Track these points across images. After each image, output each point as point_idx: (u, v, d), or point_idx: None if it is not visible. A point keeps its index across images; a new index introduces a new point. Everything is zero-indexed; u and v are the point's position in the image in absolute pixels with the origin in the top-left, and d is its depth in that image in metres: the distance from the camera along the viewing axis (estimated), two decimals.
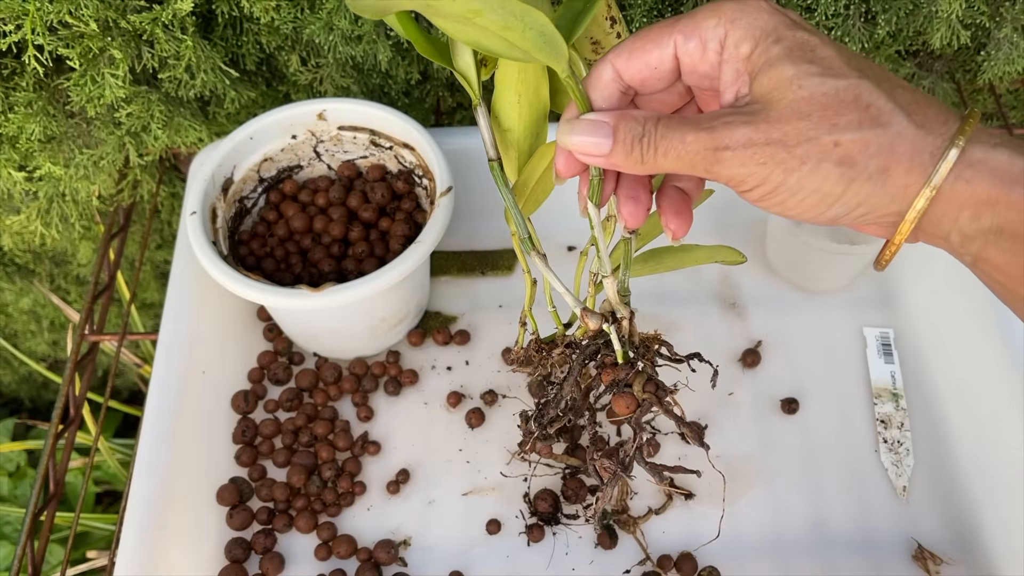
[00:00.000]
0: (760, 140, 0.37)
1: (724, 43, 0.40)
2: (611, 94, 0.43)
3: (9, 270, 0.99)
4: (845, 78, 0.37)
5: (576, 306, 0.49)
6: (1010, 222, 0.35)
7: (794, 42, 0.38)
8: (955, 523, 0.65)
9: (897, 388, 0.71)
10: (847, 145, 0.36)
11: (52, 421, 0.71)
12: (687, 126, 0.39)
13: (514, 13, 0.39)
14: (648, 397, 0.48)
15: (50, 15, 0.64)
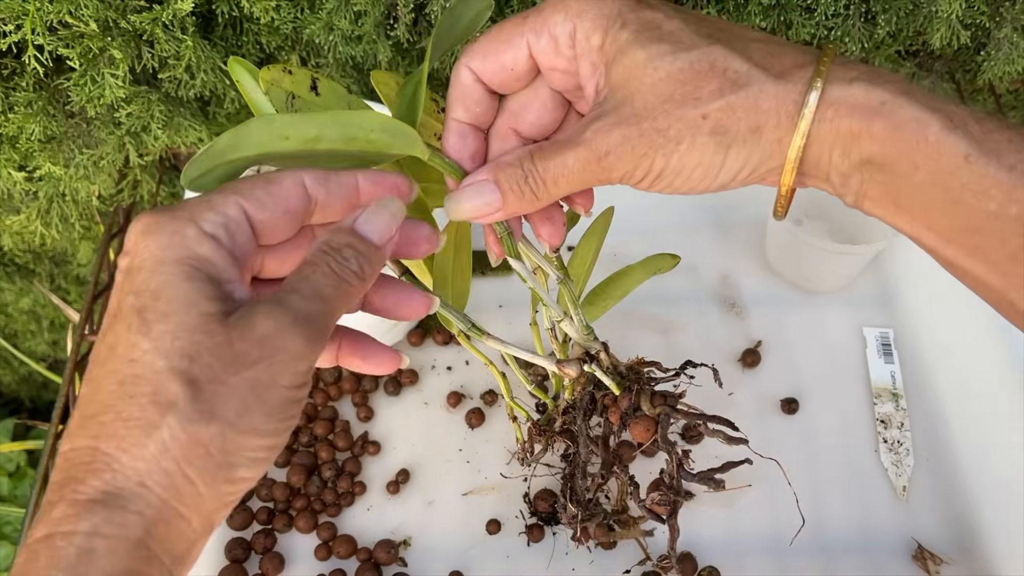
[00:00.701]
0: (634, 134, 0.37)
1: (575, 37, 0.39)
2: (480, 97, 0.42)
3: (9, 270, 0.99)
4: (696, 48, 0.37)
5: (550, 364, 0.48)
6: (876, 154, 0.35)
7: (639, 23, 0.38)
8: (955, 523, 0.65)
9: (897, 388, 0.71)
10: (715, 115, 0.36)
11: (52, 421, 0.71)
12: (564, 148, 0.39)
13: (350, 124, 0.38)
14: (662, 410, 0.47)
15: (50, 15, 0.64)
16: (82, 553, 0.29)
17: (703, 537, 0.65)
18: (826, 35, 0.75)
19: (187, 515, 0.31)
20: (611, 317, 0.78)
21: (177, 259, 0.32)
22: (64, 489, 0.30)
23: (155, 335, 0.31)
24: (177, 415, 0.30)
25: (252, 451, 0.32)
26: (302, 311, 0.33)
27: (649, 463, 0.69)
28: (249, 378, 0.31)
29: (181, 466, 0.31)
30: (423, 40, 0.75)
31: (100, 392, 0.31)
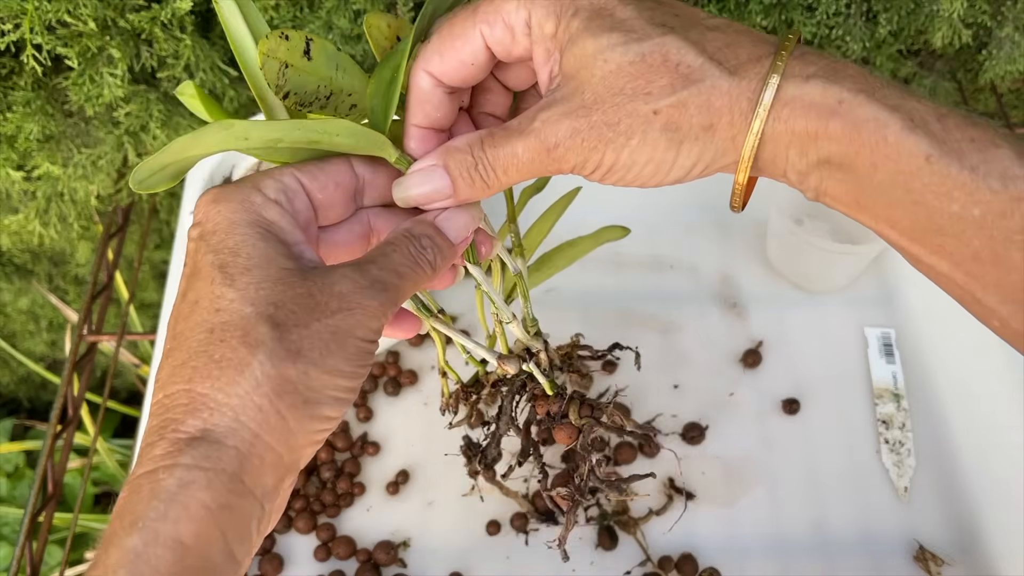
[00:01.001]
0: (583, 127, 0.36)
1: (530, 24, 0.38)
2: (440, 100, 0.41)
3: (7, 270, 0.99)
4: (648, 39, 0.36)
5: (492, 356, 0.48)
6: (834, 154, 0.34)
7: (591, 10, 0.37)
8: (956, 524, 0.65)
9: (898, 388, 0.71)
10: (666, 111, 0.35)
11: (50, 421, 0.71)
12: (514, 136, 0.38)
13: (314, 130, 0.38)
14: (586, 421, 0.48)
15: (49, 14, 0.63)
16: (182, 484, 0.31)
17: (703, 538, 0.65)
18: (827, 34, 0.74)
19: (278, 449, 0.33)
20: (611, 317, 0.78)
21: (249, 221, 0.35)
22: (164, 430, 0.32)
23: (240, 286, 0.33)
24: (266, 353, 0.32)
25: (333, 390, 0.34)
26: (379, 278, 0.36)
27: (650, 464, 0.69)
28: (330, 325, 0.34)
29: (272, 401, 0.32)
30: None
31: (189, 342, 0.33)
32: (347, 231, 0.40)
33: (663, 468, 0.68)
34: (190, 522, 0.30)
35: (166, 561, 0.30)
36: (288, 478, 0.34)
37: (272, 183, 0.37)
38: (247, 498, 0.32)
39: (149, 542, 0.30)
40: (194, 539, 0.30)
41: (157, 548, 0.30)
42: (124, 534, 0.30)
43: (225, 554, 0.31)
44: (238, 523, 0.32)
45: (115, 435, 1.19)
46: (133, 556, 0.29)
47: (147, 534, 0.30)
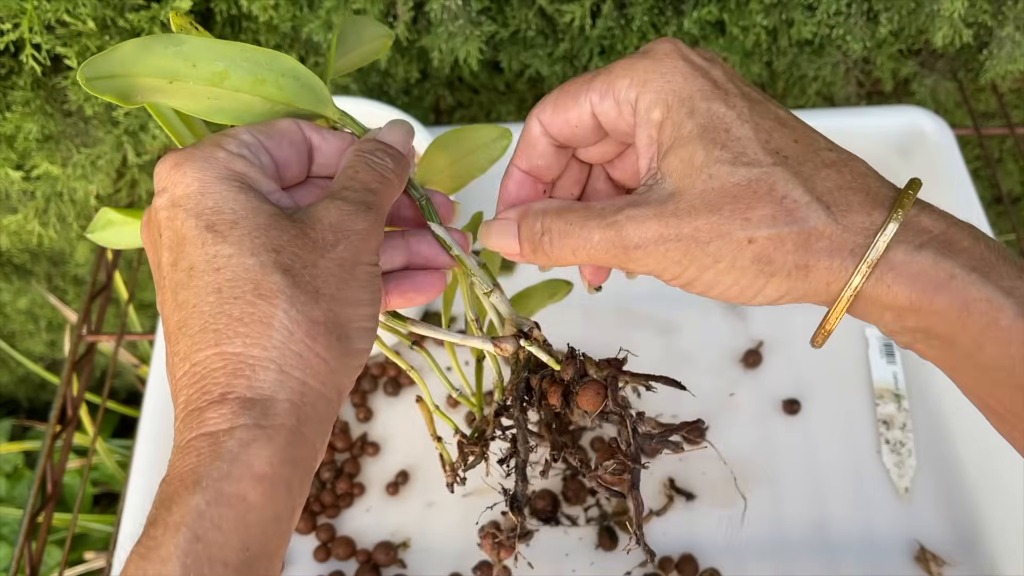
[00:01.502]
0: (671, 236, 0.35)
1: (636, 106, 0.38)
2: (545, 149, 0.42)
3: (6, 270, 0.99)
4: (759, 166, 0.35)
5: (485, 343, 0.45)
6: (935, 326, 0.33)
7: (708, 119, 0.36)
8: (958, 524, 0.65)
9: (899, 389, 0.71)
10: (761, 242, 0.34)
11: (50, 422, 0.71)
12: (593, 221, 0.37)
13: (261, 63, 0.38)
14: (608, 371, 0.44)
15: (48, 14, 0.63)
16: (243, 444, 0.31)
17: (704, 538, 0.65)
18: (828, 33, 0.74)
19: (326, 393, 0.33)
20: (611, 317, 0.78)
21: (220, 177, 0.34)
22: (207, 395, 0.32)
23: (233, 240, 0.33)
24: (287, 300, 0.32)
25: (359, 321, 0.34)
26: (359, 199, 0.36)
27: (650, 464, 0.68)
28: (335, 258, 0.34)
29: (310, 346, 0.32)
30: (422, 38, 0.74)
31: (199, 308, 0.33)
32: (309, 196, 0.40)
33: (664, 468, 0.68)
34: (254, 480, 0.31)
35: (229, 519, 0.30)
36: (335, 416, 0.35)
37: (232, 140, 0.36)
38: (306, 448, 0.32)
39: (212, 501, 0.30)
40: (259, 496, 0.31)
41: (221, 507, 0.30)
42: (187, 493, 0.30)
43: (289, 505, 0.32)
44: (299, 474, 0.32)
45: (114, 435, 1.19)
46: (196, 514, 0.30)
47: (210, 493, 0.30)
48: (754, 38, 0.74)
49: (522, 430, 0.45)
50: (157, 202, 0.35)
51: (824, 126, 0.73)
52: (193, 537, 0.29)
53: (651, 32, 0.75)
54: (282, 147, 0.38)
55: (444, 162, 0.51)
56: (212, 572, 0.29)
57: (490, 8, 0.74)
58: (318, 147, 0.39)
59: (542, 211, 0.39)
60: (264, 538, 0.31)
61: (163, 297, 0.35)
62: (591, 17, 0.74)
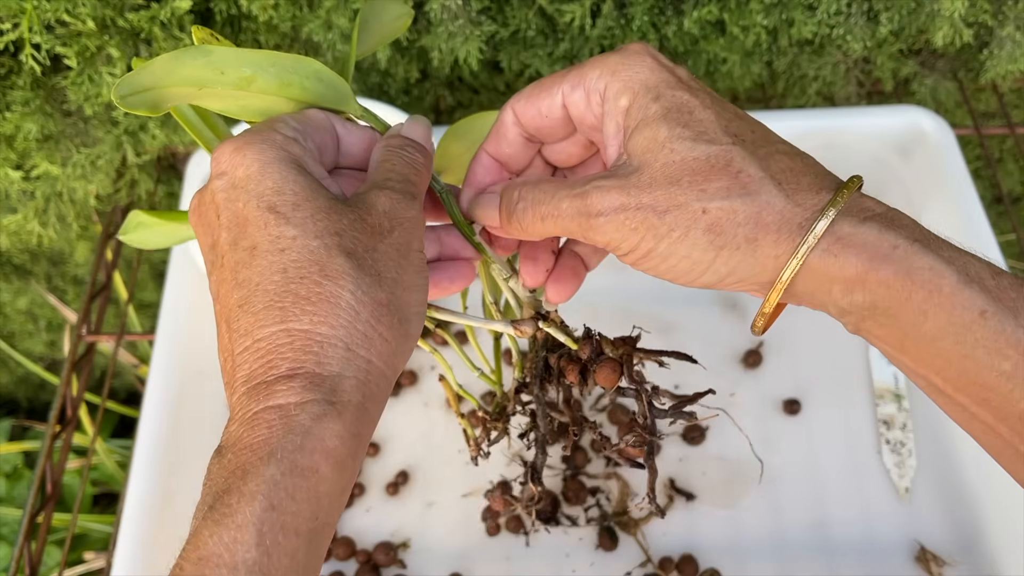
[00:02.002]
0: (631, 205, 0.37)
1: (604, 95, 0.40)
2: (514, 138, 0.43)
3: (6, 270, 0.99)
4: (718, 144, 0.36)
5: (505, 326, 0.47)
6: (882, 298, 0.34)
7: (672, 103, 0.38)
8: (958, 524, 0.65)
9: (899, 389, 0.71)
10: (715, 213, 0.36)
11: (49, 422, 0.71)
12: (563, 190, 0.39)
13: (287, 67, 0.39)
14: (624, 350, 0.46)
15: (47, 13, 0.63)
16: (315, 418, 0.32)
17: (704, 538, 0.65)
18: (828, 33, 0.74)
19: (385, 371, 0.35)
20: (612, 317, 0.77)
21: (280, 159, 0.35)
22: (273, 369, 0.33)
23: (296, 222, 0.34)
24: (353, 281, 0.33)
25: (415, 304, 0.36)
26: (405, 190, 0.37)
27: None
28: (393, 243, 0.35)
29: (374, 327, 0.34)
30: (423, 38, 0.74)
31: (262, 286, 0.34)
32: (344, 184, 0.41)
33: (663, 469, 0.68)
34: (325, 454, 0.32)
35: (302, 490, 0.31)
36: (389, 395, 0.36)
37: (283, 125, 0.37)
38: (369, 425, 0.34)
39: (286, 472, 0.31)
40: (329, 468, 0.32)
41: (295, 478, 0.31)
42: (261, 464, 0.31)
43: (351, 477, 0.33)
44: (362, 446, 0.34)
45: (114, 435, 1.18)
46: (272, 484, 0.30)
47: (284, 464, 0.31)
48: (754, 38, 0.74)
49: (541, 405, 0.48)
50: (215, 184, 0.36)
51: (824, 126, 0.74)
52: (269, 506, 0.30)
53: (651, 32, 0.75)
54: (320, 133, 0.39)
55: (459, 150, 0.52)
56: (285, 540, 0.30)
57: (490, 8, 0.74)
58: (343, 138, 0.41)
59: (521, 182, 0.41)
60: (331, 508, 0.32)
61: (220, 276, 0.35)
62: (591, 17, 0.74)
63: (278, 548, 0.30)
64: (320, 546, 0.32)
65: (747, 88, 0.86)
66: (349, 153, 0.42)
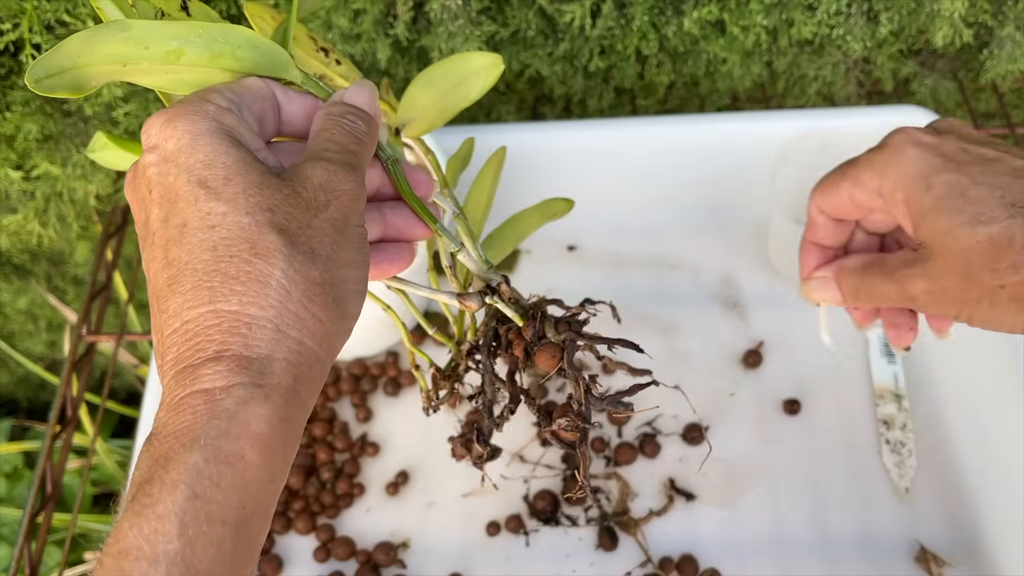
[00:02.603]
0: (937, 289, 0.42)
1: (881, 192, 0.45)
2: (826, 224, 0.51)
3: (6, 270, 0.99)
4: (997, 222, 0.39)
5: (450, 298, 0.46)
6: None
7: (944, 188, 0.41)
8: (958, 524, 0.65)
9: (900, 389, 0.71)
10: (1012, 287, 0.39)
11: (49, 422, 0.71)
12: (882, 277, 0.46)
13: (216, 38, 0.37)
14: (567, 336, 0.46)
15: (48, 14, 0.63)
16: (240, 402, 0.31)
17: (704, 538, 0.65)
18: (828, 33, 0.74)
19: (320, 352, 0.34)
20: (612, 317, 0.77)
21: (211, 130, 0.34)
22: (201, 352, 0.32)
23: (227, 197, 0.33)
24: (285, 260, 0.32)
25: (353, 282, 0.35)
26: (343, 160, 0.36)
27: (651, 464, 0.68)
28: (328, 218, 0.34)
29: (306, 306, 0.33)
30: (423, 38, 0.74)
31: (191, 265, 0.32)
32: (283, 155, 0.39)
33: (663, 469, 0.68)
34: (251, 438, 0.31)
35: (227, 476, 0.30)
36: (325, 378, 0.35)
37: (217, 95, 0.36)
38: (301, 408, 0.33)
39: (210, 459, 0.30)
40: (256, 454, 0.31)
41: (219, 465, 0.30)
42: (184, 452, 0.30)
43: (283, 464, 0.32)
44: (294, 432, 0.33)
45: (114, 435, 1.18)
46: (195, 472, 0.29)
47: (208, 451, 0.30)
48: (754, 38, 0.74)
49: (488, 373, 0.48)
50: (146, 159, 0.35)
51: (824, 126, 0.74)
52: (192, 495, 0.29)
53: (651, 32, 0.75)
54: (258, 102, 0.38)
55: (429, 100, 0.49)
56: (210, 530, 0.29)
57: (490, 8, 0.74)
58: (284, 105, 0.40)
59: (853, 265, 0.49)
60: (260, 497, 0.31)
61: (151, 254, 0.34)
62: (591, 17, 0.74)
63: (202, 538, 0.29)
64: (251, 536, 0.31)
65: (747, 88, 0.86)
66: (291, 122, 0.40)
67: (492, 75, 0.50)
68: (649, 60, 0.80)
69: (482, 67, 0.50)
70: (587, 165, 0.78)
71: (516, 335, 0.47)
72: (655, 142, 0.77)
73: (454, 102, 0.50)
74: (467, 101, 0.50)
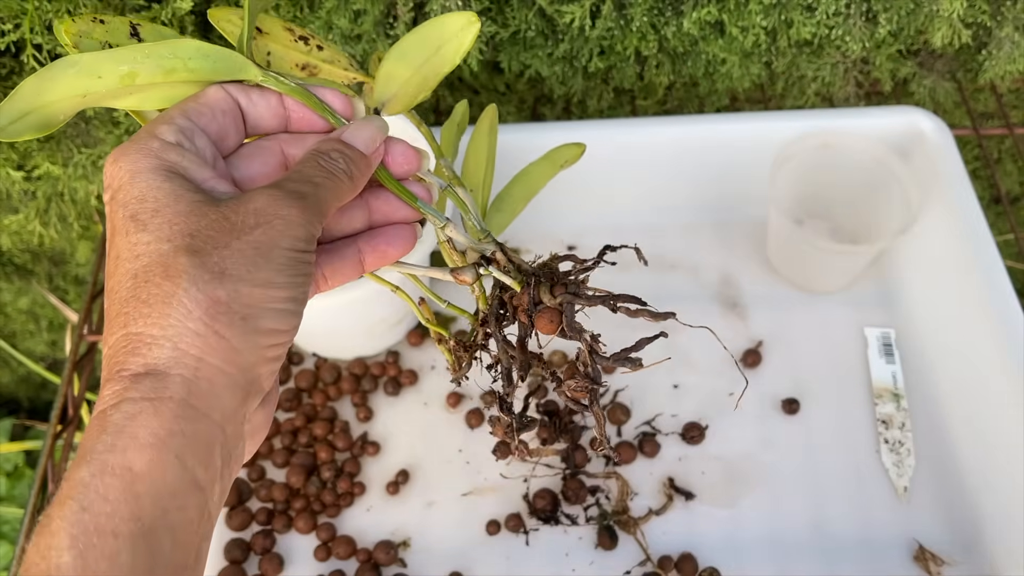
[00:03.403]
0: None
1: None
2: None
3: (7, 270, 0.99)
4: None
5: (445, 275, 0.45)
6: None
7: None
8: (956, 524, 0.65)
9: (898, 388, 0.71)
10: None
11: (50, 421, 0.71)
12: None
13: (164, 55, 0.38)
14: (563, 299, 0.45)
15: (49, 14, 0.63)
16: (128, 416, 0.31)
17: (704, 537, 0.65)
18: (827, 34, 0.74)
19: (228, 370, 0.33)
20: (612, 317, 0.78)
21: (151, 168, 0.35)
22: (110, 374, 0.33)
23: (152, 227, 0.34)
24: (189, 279, 0.33)
25: (271, 303, 0.34)
26: (294, 189, 0.36)
27: (650, 463, 0.69)
28: (251, 241, 0.34)
29: (207, 324, 0.33)
30: None
31: (118, 293, 0.33)
32: (262, 164, 0.40)
33: (663, 469, 0.68)
34: (139, 450, 0.31)
35: (114, 488, 0.30)
36: (251, 399, 0.35)
37: (166, 127, 0.36)
38: (202, 422, 0.33)
39: (96, 472, 0.30)
40: (145, 466, 0.31)
41: (105, 477, 0.30)
42: (74, 468, 0.31)
43: (183, 479, 0.32)
44: (196, 447, 0.32)
45: None
46: (82, 487, 0.30)
47: (95, 465, 0.30)
48: (753, 39, 0.74)
49: (499, 341, 0.47)
50: (104, 198, 0.36)
51: (823, 127, 0.74)
52: (79, 508, 0.30)
53: (650, 33, 0.75)
54: (216, 119, 0.38)
55: (406, 73, 0.48)
56: (101, 542, 0.29)
57: (490, 8, 0.74)
58: (248, 111, 0.40)
59: None
60: (158, 510, 0.31)
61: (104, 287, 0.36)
62: (591, 18, 0.74)
63: (93, 550, 0.29)
64: (156, 549, 0.31)
65: (746, 89, 0.86)
66: (259, 125, 0.40)
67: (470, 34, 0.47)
68: (648, 61, 0.80)
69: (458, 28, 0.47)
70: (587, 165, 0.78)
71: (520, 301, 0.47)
72: (655, 142, 0.78)
73: (434, 69, 0.48)
74: (448, 66, 0.48)
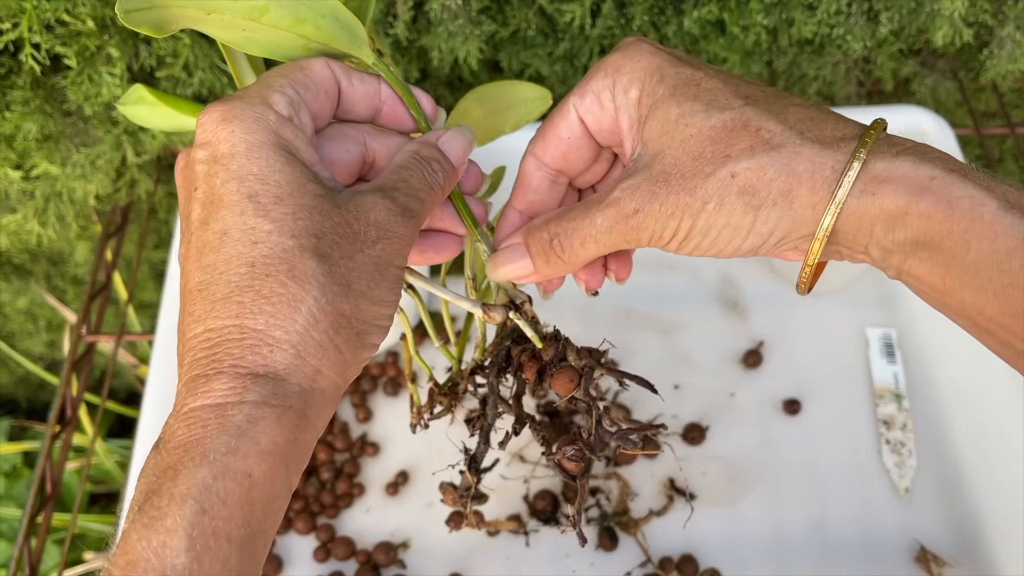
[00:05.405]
0: (662, 191, 0.36)
1: (614, 91, 0.39)
2: (539, 184, 0.43)
3: (6, 270, 0.99)
4: (731, 108, 0.36)
5: (476, 308, 0.45)
6: (923, 231, 0.34)
7: (678, 79, 0.38)
8: (958, 524, 0.65)
9: (900, 389, 0.71)
10: (744, 174, 0.35)
11: (49, 422, 0.71)
12: (593, 208, 0.38)
13: (301, 2, 0.37)
14: (587, 361, 0.45)
15: (47, 13, 0.63)
16: (251, 421, 0.31)
17: (704, 538, 0.65)
18: (828, 33, 0.74)
19: (336, 381, 0.34)
20: (612, 317, 0.78)
21: (269, 143, 0.34)
22: (218, 363, 0.32)
23: (276, 217, 0.33)
24: (319, 288, 0.33)
25: (380, 319, 0.35)
26: (408, 205, 0.36)
27: (651, 464, 0.68)
28: (372, 256, 0.34)
29: (331, 337, 0.33)
30: (422, 38, 0.74)
31: (227, 275, 0.33)
32: (344, 151, 0.39)
33: (663, 469, 0.68)
34: (259, 457, 0.31)
35: (234, 494, 0.30)
36: (338, 404, 0.36)
37: (280, 97, 0.35)
38: (310, 432, 0.33)
39: (219, 475, 0.30)
40: (263, 474, 0.31)
41: (227, 481, 0.30)
42: (193, 466, 0.30)
43: (287, 485, 0.33)
44: (300, 455, 0.33)
45: (113, 435, 1.19)
46: (203, 488, 0.30)
47: (217, 467, 0.30)
48: (754, 37, 0.74)
49: (494, 395, 0.46)
50: (198, 154, 0.34)
51: None
52: (200, 510, 0.29)
53: (651, 32, 0.75)
54: (319, 97, 0.38)
55: (478, 114, 0.50)
56: (217, 546, 0.30)
57: (490, 7, 0.74)
58: (345, 92, 0.39)
59: (545, 220, 0.40)
60: (264, 515, 0.32)
61: (186, 251, 0.34)
62: (591, 17, 0.74)
63: (209, 554, 0.29)
64: (254, 554, 0.32)
65: None
66: (350, 110, 0.40)
67: (539, 108, 0.51)
68: None
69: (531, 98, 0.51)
70: None
71: (530, 357, 0.46)
72: None
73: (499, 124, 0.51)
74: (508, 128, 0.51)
